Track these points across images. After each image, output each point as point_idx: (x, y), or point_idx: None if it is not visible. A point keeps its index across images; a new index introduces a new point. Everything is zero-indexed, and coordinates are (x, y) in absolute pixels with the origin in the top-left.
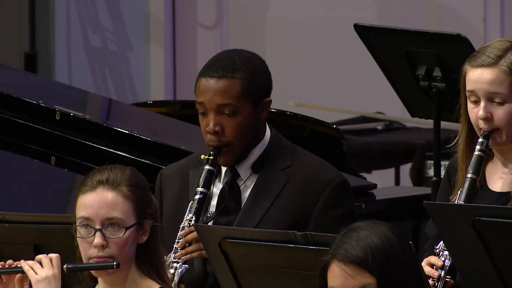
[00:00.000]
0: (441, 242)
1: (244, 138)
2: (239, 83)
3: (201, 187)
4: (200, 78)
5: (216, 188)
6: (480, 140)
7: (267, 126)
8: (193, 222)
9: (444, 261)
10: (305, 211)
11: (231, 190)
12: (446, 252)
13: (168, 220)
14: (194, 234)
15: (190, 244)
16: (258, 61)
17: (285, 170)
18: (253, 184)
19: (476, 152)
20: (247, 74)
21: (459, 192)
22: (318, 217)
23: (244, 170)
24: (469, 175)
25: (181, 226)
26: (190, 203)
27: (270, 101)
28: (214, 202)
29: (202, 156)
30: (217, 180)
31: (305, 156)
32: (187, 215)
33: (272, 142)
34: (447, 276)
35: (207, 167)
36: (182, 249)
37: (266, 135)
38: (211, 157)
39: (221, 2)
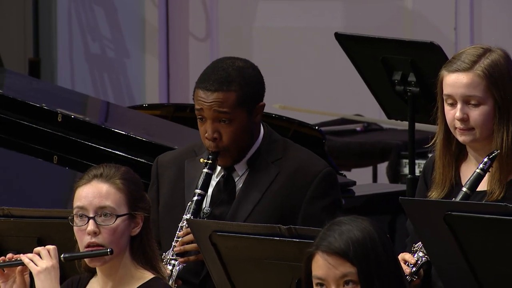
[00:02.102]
0: (420, 242)
1: (240, 142)
2: (234, 94)
3: (200, 189)
4: (198, 89)
5: (212, 180)
6: (485, 160)
7: (260, 125)
8: None
9: (417, 261)
10: (295, 201)
11: (226, 184)
12: (420, 254)
13: (163, 207)
14: (191, 236)
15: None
16: (251, 69)
17: (276, 162)
18: (246, 176)
19: (478, 170)
20: (241, 85)
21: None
22: (306, 207)
23: (240, 166)
24: (464, 189)
25: (179, 226)
26: (188, 204)
27: (264, 105)
28: (209, 192)
29: (201, 160)
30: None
31: (295, 148)
32: (186, 215)
33: (265, 138)
34: (414, 276)
35: (205, 170)
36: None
37: (260, 134)
38: (209, 161)
39: (211, 16)
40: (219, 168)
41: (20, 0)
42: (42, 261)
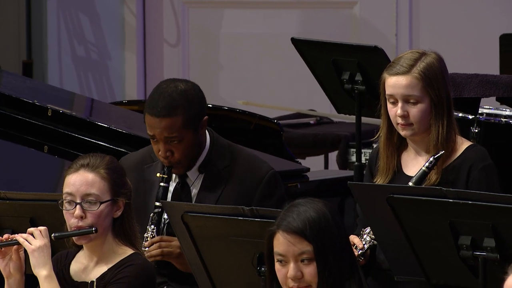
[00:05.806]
0: (369, 228)
1: (190, 154)
2: (181, 118)
3: (159, 202)
4: (147, 115)
5: (170, 187)
6: (431, 159)
7: (206, 132)
8: (155, 232)
9: (364, 245)
10: (245, 203)
11: (182, 189)
12: (368, 238)
13: None
14: (157, 251)
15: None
16: (192, 90)
17: (226, 169)
18: (200, 183)
19: (424, 168)
20: (186, 108)
21: None
22: (257, 206)
23: (192, 172)
24: (410, 184)
25: (145, 236)
26: (151, 215)
27: (207, 118)
28: (168, 199)
29: (158, 174)
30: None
31: (241, 153)
32: (150, 226)
33: (212, 144)
34: (361, 257)
35: (162, 184)
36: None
37: (207, 140)
38: (165, 176)
39: (183, 24)
40: (174, 176)
41: (15, 8)
42: (35, 240)
